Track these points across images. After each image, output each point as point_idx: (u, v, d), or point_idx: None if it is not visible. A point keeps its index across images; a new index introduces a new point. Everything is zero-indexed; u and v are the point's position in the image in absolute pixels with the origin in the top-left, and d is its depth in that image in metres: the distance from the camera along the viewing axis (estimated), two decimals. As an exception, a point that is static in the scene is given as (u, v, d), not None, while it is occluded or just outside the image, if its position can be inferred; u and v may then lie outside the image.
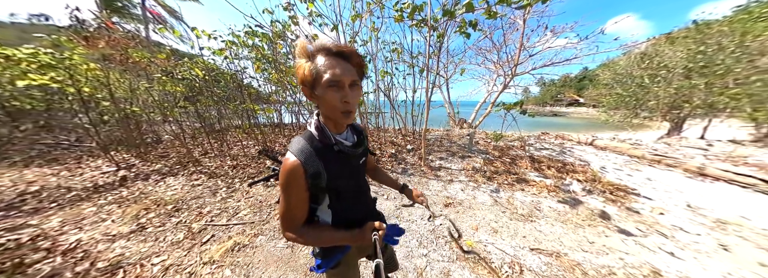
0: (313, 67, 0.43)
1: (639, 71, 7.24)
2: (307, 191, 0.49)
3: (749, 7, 5.98)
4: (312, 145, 0.50)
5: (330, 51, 0.43)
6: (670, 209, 2.09)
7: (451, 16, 2.51)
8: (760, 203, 2.22)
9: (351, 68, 0.45)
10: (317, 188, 0.51)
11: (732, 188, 2.58)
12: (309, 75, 0.44)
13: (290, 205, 0.49)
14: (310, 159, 0.48)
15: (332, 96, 0.43)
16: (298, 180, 0.48)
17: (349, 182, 0.57)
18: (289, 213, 0.50)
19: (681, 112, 6.24)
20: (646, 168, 3.26)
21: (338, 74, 0.42)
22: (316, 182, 0.49)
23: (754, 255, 1.51)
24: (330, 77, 0.42)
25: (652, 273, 1.29)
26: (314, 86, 0.44)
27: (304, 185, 0.48)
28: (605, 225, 1.76)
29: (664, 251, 1.51)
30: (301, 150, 0.49)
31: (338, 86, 0.43)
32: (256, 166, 3.21)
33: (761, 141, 4.73)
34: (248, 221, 1.90)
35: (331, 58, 0.43)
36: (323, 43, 0.44)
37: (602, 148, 4.40)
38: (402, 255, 1.42)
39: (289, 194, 0.49)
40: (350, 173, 0.58)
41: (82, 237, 1.71)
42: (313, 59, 0.44)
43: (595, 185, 2.44)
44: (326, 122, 0.52)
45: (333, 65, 0.42)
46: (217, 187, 2.62)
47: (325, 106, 0.46)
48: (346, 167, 0.56)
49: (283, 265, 1.39)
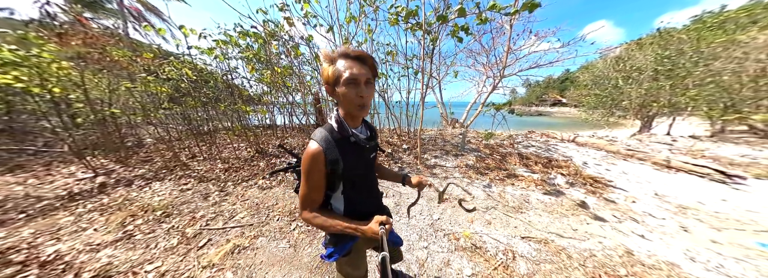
0: (334, 68, 0.52)
1: (614, 74, 7.85)
2: (325, 176, 0.56)
3: (703, 17, 6.71)
4: (332, 135, 0.57)
5: (349, 55, 0.52)
6: (641, 197, 2.31)
7: (444, 21, 2.62)
8: (713, 190, 2.52)
9: (366, 69, 0.53)
10: (334, 175, 0.57)
11: (691, 178, 2.89)
12: (332, 75, 0.52)
13: (310, 187, 0.56)
14: (330, 147, 0.55)
15: (350, 92, 0.51)
16: (319, 165, 0.54)
17: (362, 173, 0.64)
18: (309, 195, 0.57)
19: (650, 111, 6.84)
20: (621, 162, 3.55)
21: (356, 72, 0.50)
22: (334, 168, 0.56)
23: (708, 234, 1.73)
24: (348, 75, 0.50)
25: (625, 253, 1.44)
26: (336, 84, 0.52)
27: (323, 170, 0.55)
28: (585, 214, 1.92)
29: (635, 234, 1.68)
30: (323, 138, 0.56)
31: (355, 83, 0.51)
32: (249, 169, 3.14)
33: (715, 136, 5.32)
34: (247, 223, 1.87)
35: (350, 61, 0.52)
36: (343, 50, 0.53)
37: (583, 144, 4.72)
38: (404, 249, 1.48)
39: (310, 178, 0.55)
40: (364, 165, 0.65)
41: (61, 248, 1.61)
42: (335, 63, 0.52)
43: (577, 178, 2.64)
44: (345, 117, 0.59)
45: (351, 66, 0.51)
46: (209, 191, 2.54)
47: (343, 100, 0.54)
48: (361, 159, 0.63)
49: (287, 264, 1.39)
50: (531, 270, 1.27)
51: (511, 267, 1.29)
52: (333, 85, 0.53)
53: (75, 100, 2.92)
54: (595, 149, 4.38)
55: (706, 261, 1.42)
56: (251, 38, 3.11)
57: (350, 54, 0.52)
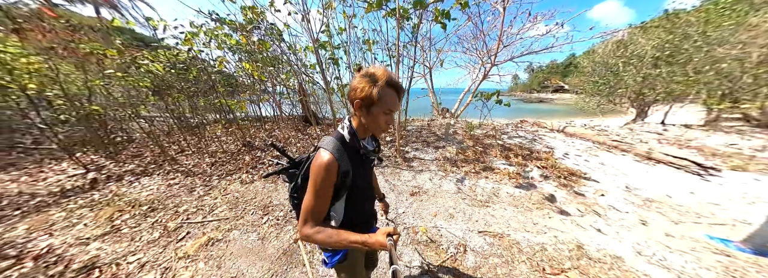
0: (379, 92, 0.53)
1: (614, 59, 7.52)
2: (334, 187, 0.55)
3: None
4: (344, 146, 0.58)
5: (393, 84, 0.54)
6: (611, 190, 2.36)
7: (421, 6, 2.46)
8: (685, 182, 2.56)
9: (399, 101, 0.58)
10: (343, 185, 0.57)
11: (668, 170, 2.92)
12: (374, 97, 0.53)
13: (318, 199, 0.54)
14: (343, 158, 0.55)
15: (383, 119, 0.56)
16: (332, 176, 0.53)
17: (364, 181, 0.65)
18: (316, 207, 0.54)
19: (646, 98, 6.67)
20: (604, 154, 3.56)
21: (395, 105, 0.55)
22: (344, 180, 0.56)
23: (664, 227, 1.80)
24: (390, 107, 0.54)
25: (576, 247, 1.52)
26: (371, 105, 0.54)
27: (333, 181, 0.54)
28: (550, 208, 1.99)
29: (593, 228, 1.76)
30: (336, 149, 0.55)
31: (390, 114, 0.57)
32: (234, 163, 3.21)
33: (708, 125, 5.24)
34: (224, 217, 1.97)
35: (392, 90, 0.54)
36: (392, 77, 0.54)
37: (571, 135, 4.70)
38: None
39: (320, 188, 0.54)
40: (367, 175, 0.67)
41: (53, 243, 1.72)
42: (378, 85, 0.53)
43: (552, 171, 2.68)
44: (357, 129, 0.60)
45: (394, 99, 0.55)
46: (194, 185, 2.63)
47: (373, 122, 0.57)
48: (365, 169, 0.66)
49: (253, 256, 1.50)
50: (478, 263, 1.36)
51: (460, 261, 1.38)
52: (368, 105, 0.54)
53: (54, 96, 2.90)
54: (582, 139, 4.37)
55: (652, 254, 1.50)
56: (228, 27, 2.97)
57: (394, 83, 0.54)
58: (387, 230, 0.53)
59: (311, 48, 3.08)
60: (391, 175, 2.58)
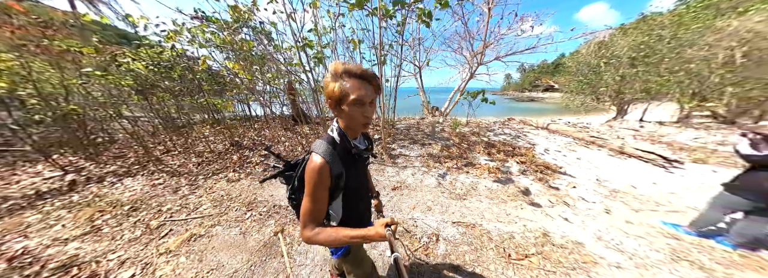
0: (340, 86, 0.52)
1: (596, 59, 7.84)
2: (328, 190, 0.56)
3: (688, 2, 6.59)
4: (334, 148, 0.58)
5: (355, 74, 0.52)
6: (583, 183, 2.51)
7: (402, 6, 2.53)
8: (650, 174, 2.74)
9: (371, 89, 0.54)
10: (337, 187, 0.58)
11: (638, 163, 3.11)
12: (337, 93, 0.52)
13: (315, 202, 0.55)
14: (334, 161, 0.56)
15: (356, 111, 0.54)
16: (324, 180, 0.54)
17: (358, 180, 0.67)
18: (314, 210, 0.55)
19: (624, 97, 7.00)
20: (581, 149, 3.74)
21: (362, 94, 0.52)
22: (337, 181, 0.57)
23: (626, 215, 1.94)
24: (356, 97, 0.52)
25: (542, 235, 1.63)
26: (340, 102, 0.54)
27: (328, 185, 0.55)
28: (523, 200, 2.10)
29: (561, 217, 1.88)
30: (327, 152, 0.56)
31: (361, 104, 0.53)
32: (221, 162, 3.20)
33: (680, 122, 5.56)
34: (207, 214, 1.99)
35: (356, 80, 0.52)
36: (350, 67, 0.52)
37: (554, 132, 4.89)
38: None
39: (315, 192, 0.55)
40: (361, 173, 0.69)
41: (28, 244, 1.70)
42: (340, 79, 0.52)
43: (530, 166, 2.81)
44: (345, 129, 0.60)
45: (358, 87, 0.52)
46: (179, 185, 2.62)
47: (348, 119, 0.56)
48: (359, 168, 0.67)
49: (234, 249, 1.54)
50: (448, 251, 1.45)
51: (431, 249, 1.46)
52: (337, 102, 0.54)
53: (27, 95, 2.81)
54: (563, 136, 4.56)
55: (610, 239, 1.63)
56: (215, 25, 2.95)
57: (356, 72, 0.52)
58: (385, 221, 0.55)
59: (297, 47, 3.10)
60: (376, 171, 2.65)
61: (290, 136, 4.01)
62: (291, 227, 1.76)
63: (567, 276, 1.31)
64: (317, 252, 1.48)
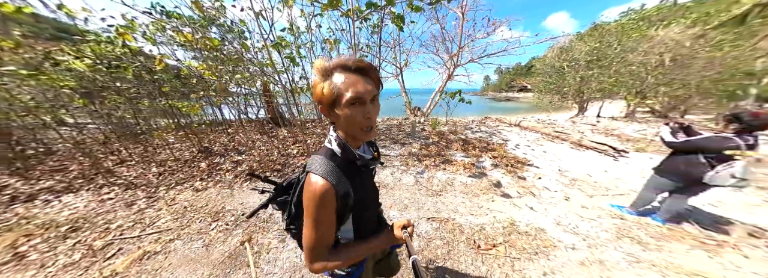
0: (332, 86, 0.41)
1: (559, 62, 8.67)
2: (335, 213, 0.47)
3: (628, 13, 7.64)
4: (336, 163, 0.48)
5: (348, 67, 0.42)
6: (547, 174, 2.72)
7: (375, 8, 2.57)
8: (603, 163, 3.07)
9: (371, 83, 0.44)
10: (345, 208, 0.49)
11: (593, 154, 3.46)
12: (329, 94, 0.42)
13: (320, 231, 0.46)
14: (339, 180, 0.46)
15: (355, 113, 0.42)
16: (330, 205, 0.45)
17: (368, 193, 0.57)
18: (319, 240, 0.46)
19: (583, 96, 7.82)
20: (548, 143, 4.07)
21: (361, 91, 0.41)
22: (345, 203, 0.47)
23: (582, 200, 2.14)
24: (352, 94, 0.41)
25: (509, 224, 1.73)
26: (334, 105, 0.43)
27: (334, 209, 0.46)
28: (495, 192, 2.22)
29: (527, 206, 2.01)
30: (329, 172, 0.46)
31: (360, 103, 0.42)
32: (188, 171, 2.95)
33: (628, 117, 6.35)
34: (166, 228, 1.81)
35: (350, 75, 0.41)
36: (340, 61, 0.42)
37: (525, 128, 5.27)
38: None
39: (320, 220, 0.45)
40: (369, 185, 0.58)
41: None
42: (330, 77, 0.42)
43: (502, 160, 2.99)
44: (346, 138, 0.50)
45: (353, 83, 0.41)
46: (135, 198, 2.35)
47: (346, 123, 0.44)
48: (366, 180, 0.57)
49: (195, 264, 1.41)
50: (421, 246, 1.48)
51: None
52: (330, 105, 0.43)
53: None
54: (533, 131, 4.93)
55: (568, 224, 1.78)
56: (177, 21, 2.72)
57: (350, 66, 0.42)
58: (401, 223, 0.51)
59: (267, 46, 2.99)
60: (355, 173, 2.62)
61: (266, 140, 3.83)
62: (260, 235, 1.66)
63: (530, 261, 1.40)
64: (287, 259, 1.41)
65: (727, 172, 1.38)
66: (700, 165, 1.47)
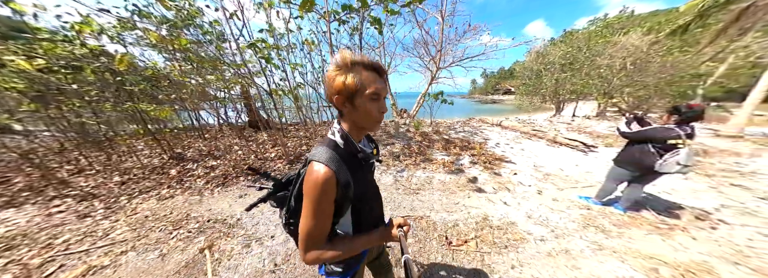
0: (355, 78, 0.45)
1: (537, 66, 9.20)
2: (334, 202, 0.48)
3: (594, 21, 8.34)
4: (338, 153, 0.50)
5: (368, 65, 0.46)
6: (523, 169, 2.81)
7: (351, 10, 2.61)
8: (575, 158, 3.22)
9: (384, 83, 0.48)
10: (345, 198, 0.50)
11: (567, 150, 3.63)
12: (352, 86, 0.45)
13: (318, 219, 0.47)
14: (341, 169, 0.48)
15: (372, 107, 0.47)
16: (330, 193, 0.46)
17: (367, 188, 0.58)
18: (316, 229, 0.47)
19: (560, 97, 8.31)
20: (526, 141, 4.23)
21: (381, 88, 0.46)
22: (345, 193, 0.49)
23: (553, 194, 2.22)
24: (374, 90, 0.45)
25: (482, 219, 1.75)
26: (353, 96, 0.46)
27: (333, 198, 0.47)
28: (471, 188, 2.26)
29: (501, 201, 2.05)
30: (331, 159, 0.48)
31: (378, 99, 0.47)
32: (155, 178, 2.76)
33: (599, 116, 6.80)
34: (120, 240, 1.66)
35: (371, 73, 0.46)
36: (361, 58, 0.46)
37: (506, 128, 5.46)
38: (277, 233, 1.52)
39: (317, 208, 0.47)
40: (369, 180, 0.60)
41: None
42: (352, 71, 0.45)
43: (480, 157, 3.06)
44: (350, 131, 0.52)
45: (374, 80, 0.46)
46: (92, 210, 2.15)
47: (363, 115, 0.48)
48: (367, 173, 0.58)
49: (147, 275, 1.30)
50: (393, 245, 1.45)
51: None
52: (349, 96, 0.46)
53: None
54: (513, 130, 5.13)
55: (538, 216, 1.83)
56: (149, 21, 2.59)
57: (368, 64, 0.46)
58: (398, 221, 0.53)
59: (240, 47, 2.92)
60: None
61: (244, 144, 3.68)
62: (223, 241, 1.57)
63: (499, 255, 1.41)
64: (248, 265, 1.33)
65: (673, 160, 1.49)
66: (650, 154, 1.58)
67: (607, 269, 1.32)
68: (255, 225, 1.75)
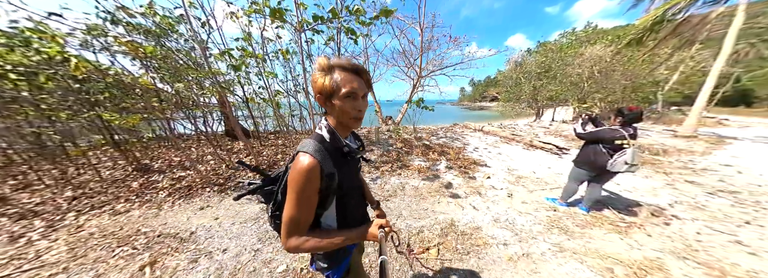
0: (331, 80, 0.49)
1: (516, 74, 9.73)
2: (318, 193, 0.50)
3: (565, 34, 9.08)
4: (324, 147, 0.53)
5: (346, 67, 0.50)
6: (497, 173, 2.85)
7: (322, 21, 2.68)
8: (548, 161, 3.32)
9: (363, 83, 0.52)
10: (329, 190, 0.52)
11: (541, 153, 3.74)
12: (329, 87, 0.49)
13: (301, 207, 0.49)
14: (325, 159, 0.50)
15: (349, 105, 0.50)
16: (314, 181, 0.48)
17: (353, 183, 0.60)
18: (300, 217, 0.50)
19: (539, 103, 8.73)
20: (504, 145, 4.34)
21: (356, 87, 0.49)
22: (329, 183, 0.51)
23: (523, 196, 2.24)
24: (349, 89, 0.49)
25: (449, 225, 1.73)
26: (331, 97, 0.50)
27: (317, 187, 0.49)
28: (442, 194, 2.25)
29: (471, 206, 2.05)
30: (317, 150, 0.50)
31: (353, 98, 0.50)
32: (114, 192, 2.58)
33: (574, 119, 7.17)
34: (51, 262, 1.50)
35: (348, 74, 0.49)
36: (340, 61, 0.50)
37: (487, 133, 5.61)
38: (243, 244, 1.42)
39: (301, 195, 0.49)
40: (354, 175, 0.62)
41: None
42: (331, 73, 0.49)
43: (456, 162, 3.09)
44: (336, 127, 0.55)
45: (350, 80, 0.49)
46: (29, 229, 1.95)
47: (340, 113, 0.52)
48: (352, 168, 0.60)
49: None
50: (350, 253, 1.39)
51: None
52: (327, 96, 0.51)
53: None
54: (494, 136, 5.26)
55: (505, 220, 1.83)
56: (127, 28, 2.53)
57: (346, 66, 0.50)
58: (380, 222, 0.54)
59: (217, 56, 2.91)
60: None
61: (217, 154, 3.55)
62: (168, 257, 1.45)
63: (460, 261, 1.38)
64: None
65: (621, 159, 1.56)
66: (602, 154, 1.65)
67: (566, 271, 1.31)
68: (209, 239, 1.64)
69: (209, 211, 2.08)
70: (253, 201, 2.20)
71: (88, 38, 2.50)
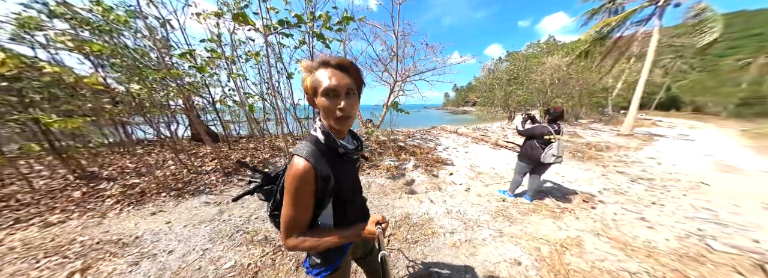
0: (313, 78, 0.48)
1: (489, 80, 10.46)
2: (314, 195, 0.50)
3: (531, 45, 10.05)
4: (318, 148, 0.52)
5: (329, 64, 0.48)
6: (460, 170, 3.02)
7: (288, 25, 2.77)
8: (509, 158, 3.58)
9: (348, 78, 0.49)
10: (325, 192, 0.52)
11: (505, 152, 4.03)
12: (311, 85, 0.49)
13: (298, 210, 0.50)
14: (319, 162, 0.50)
15: (328, 103, 0.48)
16: (309, 184, 0.48)
17: (350, 184, 0.60)
18: (297, 218, 0.50)
19: (510, 107, 9.41)
20: (473, 145, 4.60)
21: (334, 83, 0.46)
22: (325, 186, 0.51)
23: (479, 190, 2.41)
24: (327, 85, 0.46)
25: (404, 218, 1.81)
26: (315, 95, 0.49)
27: (313, 189, 0.49)
28: (405, 191, 2.34)
29: (428, 200, 2.16)
30: (310, 154, 0.50)
31: (334, 94, 0.47)
32: (48, 203, 2.35)
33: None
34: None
35: (330, 70, 0.47)
36: (323, 58, 0.48)
37: (461, 134, 5.90)
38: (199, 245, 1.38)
39: (297, 199, 0.49)
40: (351, 176, 0.61)
41: None
42: (315, 72, 0.48)
43: (423, 161, 3.23)
44: (331, 128, 0.53)
45: (331, 76, 0.47)
46: None
47: (322, 111, 0.50)
48: (349, 169, 0.59)
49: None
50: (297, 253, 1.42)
51: (283, 251, 1.40)
52: (313, 95, 0.50)
53: None
54: (466, 137, 5.55)
55: (457, 211, 1.95)
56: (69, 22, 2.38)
57: (331, 62, 0.48)
58: (376, 218, 0.54)
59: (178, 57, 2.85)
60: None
61: (179, 158, 3.39)
62: (104, 262, 1.37)
63: (408, 250, 1.46)
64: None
65: (550, 152, 1.77)
66: (537, 148, 1.86)
67: (500, 252, 1.43)
68: (155, 242, 1.57)
69: (161, 216, 1.98)
70: (211, 205, 2.13)
71: (20, 32, 2.33)
